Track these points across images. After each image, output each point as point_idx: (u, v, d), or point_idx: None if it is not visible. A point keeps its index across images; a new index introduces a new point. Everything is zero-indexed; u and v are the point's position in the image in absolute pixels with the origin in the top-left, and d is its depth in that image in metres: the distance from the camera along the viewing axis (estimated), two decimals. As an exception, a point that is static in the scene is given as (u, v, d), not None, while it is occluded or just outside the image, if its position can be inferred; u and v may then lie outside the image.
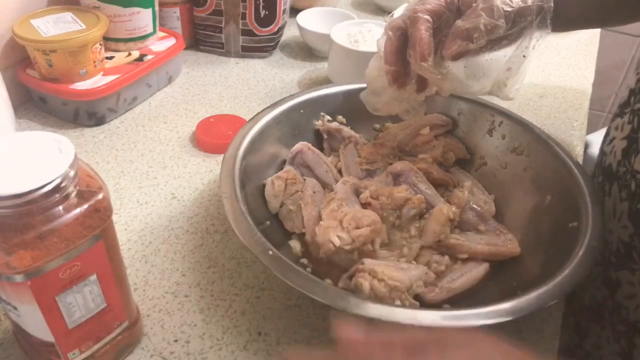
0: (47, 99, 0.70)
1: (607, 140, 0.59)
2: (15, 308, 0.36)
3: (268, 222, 0.53)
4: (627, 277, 0.52)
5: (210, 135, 0.68)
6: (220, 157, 0.64)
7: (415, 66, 0.49)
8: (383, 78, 0.53)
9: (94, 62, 0.69)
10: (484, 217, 0.53)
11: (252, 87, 0.81)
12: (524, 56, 0.53)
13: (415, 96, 0.55)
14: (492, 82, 0.56)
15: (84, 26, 0.67)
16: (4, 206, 0.32)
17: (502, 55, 0.54)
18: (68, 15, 0.69)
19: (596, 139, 1.39)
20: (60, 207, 0.34)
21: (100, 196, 0.36)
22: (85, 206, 0.35)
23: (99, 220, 0.36)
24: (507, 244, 0.51)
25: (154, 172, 0.64)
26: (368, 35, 0.76)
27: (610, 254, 0.54)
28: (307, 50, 0.91)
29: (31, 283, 0.34)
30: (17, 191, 0.31)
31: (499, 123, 0.60)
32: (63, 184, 0.34)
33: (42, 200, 0.33)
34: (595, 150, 1.36)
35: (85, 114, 0.70)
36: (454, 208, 0.52)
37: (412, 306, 0.46)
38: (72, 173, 0.34)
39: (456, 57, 0.50)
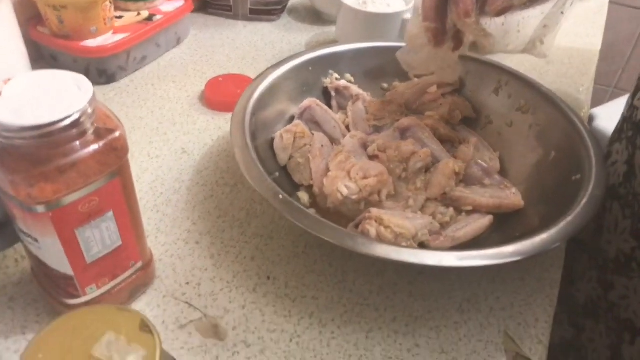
0: (58, 57, 0.71)
1: (639, 95, 0.59)
2: (36, 240, 0.37)
3: (277, 174, 0.54)
4: None
5: (219, 94, 0.69)
6: (228, 116, 0.65)
7: (458, 23, 0.49)
8: (423, 35, 0.52)
9: (104, 19, 0.69)
10: (489, 172, 0.55)
11: (259, 50, 0.82)
12: (562, 13, 0.53)
13: (450, 55, 0.55)
14: (528, 40, 0.55)
15: (94, -17, 0.67)
16: (26, 137, 0.33)
17: (538, 13, 0.54)
18: (78, -28, 0.69)
19: (602, 112, 1.39)
20: (78, 143, 0.35)
21: (117, 134, 0.37)
22: (102, 143, 0.36)
23: (116, 158, 0.37)
24: (511, 197, 0.52)
25: (164, 128, 0.65)
26: (376, -3, 0.76)
27: None
28: (315, 14, 0.91)
29: (52, 214, 0.35)
30: (38, 122, 0.32)
31: (505, 82, 0.61)
32: (82, 119, 0.35)
33: (61, 134, 0.34)
34: (601, 123, 1.36)
35: (96, 72, 0.70)
36: (459, 162, 0.53)
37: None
38: (90, 110, 0.35)
39: (500, 13, 0.49)
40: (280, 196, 0.44)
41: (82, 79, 0.37)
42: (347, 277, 0.49)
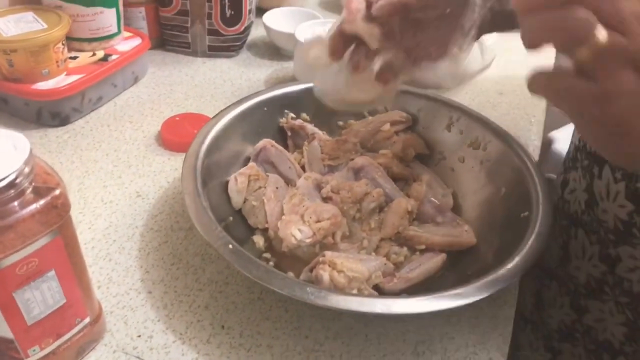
0: (9, 100, 0.70)
1: None
2: (-29, 305, 0.36)
3: (231, 218, 0.53)
4: (628, 252, 0.53)
5: (176, 134, 0.68)
6: (185, 156, 0.64)
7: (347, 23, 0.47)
8: (325, 54, 0.50)
9: (57, 62, 0.68)
10: (442, 210, 0.55)
11: (218, 87, 0.82)
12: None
13: (377, 88, 0.51)
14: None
15: (45, 26, 0.67)
16: (-42, 202, 0.32)
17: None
18: (29, 15, 0.69)
19: (561, 136, 1.43)
20: (16, 203, 0.34)
21: (57, 192, 0.36)
22: (42, 202, 0.36)
23: (57, 216, 0.37)
24: (464, 234, 0.53)
25: (119, 171, 0.64)
26: (332, 35, 0.77)
27: (607, 232, 0.55)
28: (274, 49, 0.92)
29: (-13, 279, 0.34)
30: (-30, 187, 0.32)
31: (457, 119, 0.62)
32: (18, 180, 0.34)
33: (-4, 196, 0.33)
34: (560, 146, 1.40)
35: (49, 114, 0.69)
36: (412, 201, 0.54)
37: (370, 295, 0.47)
38: (27, 169, 0.35)
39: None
40: (230, 245, 0.44)
41: (18, 138, 0.36)
42: (303, 322, 0.48)
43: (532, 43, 0.34)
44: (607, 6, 0.31)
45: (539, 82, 0.36)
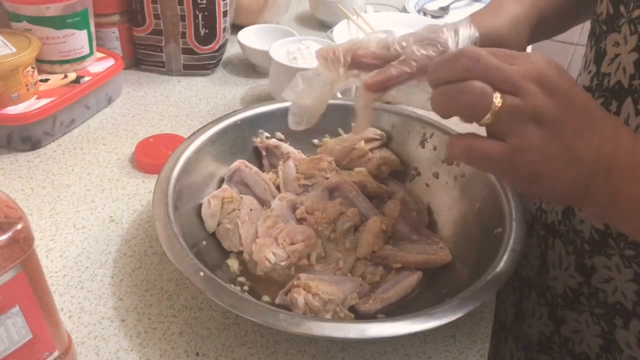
0: (-22, 125, 0.68)
1: None
2: None
3: (204, 242, 0.53)
4: (603, 262, 0.54)
5: (149, 156, 0.67)
6: (160, 178, 0.64)
7: None
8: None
9: (27, 85, 0.68)
10: (417, 227, 0.55)
11: (194, 106, 0.81)
12: None
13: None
14: None
15: (14, 50, 0.66)
16: None
17: None
18: (-2, 39, 0.68)
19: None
20: (-24, 240, 0.34)
21: (19, 226, 0.36)
22: (4, 237, 0.35)
23: (19, 251, 0.36)
24: (439, 252, 0.53)
25: (92, 196, 0.63)
26: (306, 52, 0.77)
27: (583, 242, 0.56)
28: (250, 66, 0.92)
29: (-54, 319, 0.33)
30: None
31: (430, 135, 0.62)
32: (-23, 216, 0.33)
33: (-46, 234, 0.32)
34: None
35: (19, 139, 0.68)
36: (387, 220, 0.54)
37: (346, 318, 0.47)
38: (-13, 205, 0.34)
39: None
40: (202, 273, 0.43)
41: (-21, 172, 0.35)
42: (279, 347, 0.48)
43: (441, 113, 0.38)
44: (497, 74, 0.34)
45: (458, 151, 0.38)
